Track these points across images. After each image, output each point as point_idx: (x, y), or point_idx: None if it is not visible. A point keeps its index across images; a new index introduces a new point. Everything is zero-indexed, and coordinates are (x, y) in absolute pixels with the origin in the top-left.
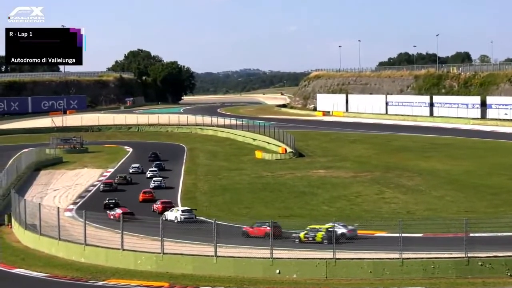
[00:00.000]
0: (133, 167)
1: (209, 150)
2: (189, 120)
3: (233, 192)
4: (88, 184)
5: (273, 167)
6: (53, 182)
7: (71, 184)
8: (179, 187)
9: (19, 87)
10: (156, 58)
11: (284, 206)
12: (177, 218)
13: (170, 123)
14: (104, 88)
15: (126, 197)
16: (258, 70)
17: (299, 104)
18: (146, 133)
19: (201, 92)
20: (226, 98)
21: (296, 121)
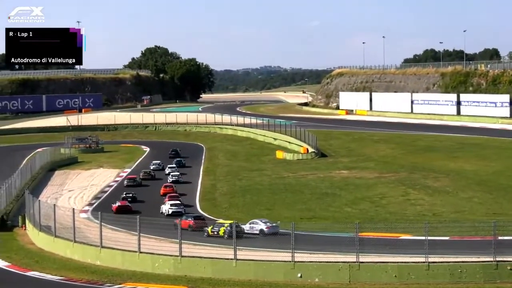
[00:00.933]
0: (154, 163)
1: (229, 150)
2: (208, 119)
3: (254, 193)
4: (104, 184)
5: (294, 167)
6: (68, 182)
7: (87, 184)
8: (197, 188)
9: (33, 85)
10: (174, 55)
11: (306, 207)
12: (167, 211)
13: (188, 122)
14: (120, 86)
15: (149, 191)
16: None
17: (321, 102)
18: (163, 132)
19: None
20: (246, 96)
21: (318, 120)
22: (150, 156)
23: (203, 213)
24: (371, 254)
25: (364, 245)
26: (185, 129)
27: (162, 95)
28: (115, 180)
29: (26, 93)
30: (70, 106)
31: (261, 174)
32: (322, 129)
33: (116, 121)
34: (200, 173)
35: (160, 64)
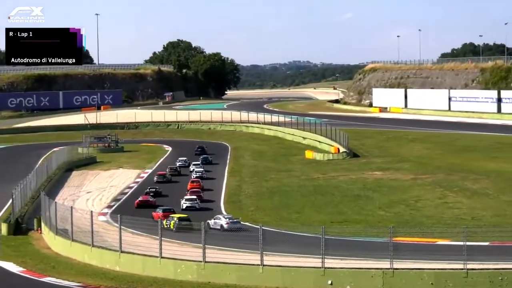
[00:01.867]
0: (180, 160)
1: (255, 149)
2: (233, 116)
3: (282, 196)
4: (123, 186)
5: (325, 168)
6: (86, 183)
7: (106, 186)
8: (222, 189)
9: (49, 81)
10: (197, 50)
11: (337, 211)
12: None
13: (213, 120)
14: (141, 82)
15: (177, 187)
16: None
17: (353, 99)
18: (186, 130)
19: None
20: (273, 93)
21: (350, 118)
22: (172, 156)
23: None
24: (406, 260)
25: (399, 251)
26: (209, 128)
27: (185, 91)
28: (135, 181)
29: (42, 89)
30: (88, 103)
31: (289, 175)
32: (354, 128)
33: (137, 119)
34: (225, 174)
35: (183, 59)
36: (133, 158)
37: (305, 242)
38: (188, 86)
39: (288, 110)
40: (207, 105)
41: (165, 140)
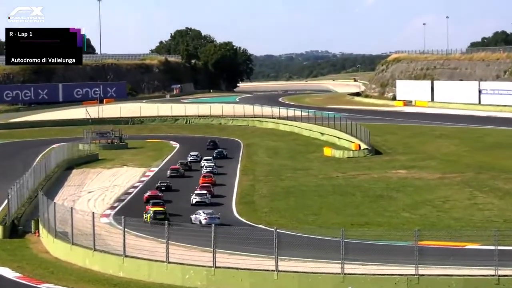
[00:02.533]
0: (192, 155)
1: (270, 146)
2: (246, 110)
3: (298, 196)
4: (128, 185)
5: (344, 166)
6: (87, 182)
7: (108, 185)
8: (234, 189)
9: (48, 72)
10: (207, 38)
11: (358, 212)
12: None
13: (224, 115)
14: (146, 73)
15: (190, 182)
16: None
17: (375, 92)
18: (195, 126)
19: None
20: (289, 85)
21: (372, 112)
22: (180, 153)
23: (240, 218)
24: (433, 266)
25: (425, 256)
26: (220, 123)
27: (194, 83)
28: (140, 180)
29: (40, 81)
30: (89, 96)
31: (307, 174)
32: (376, 123)
33: (142, 113)
34: (237, 172)
35: (191, 49)
36: (138, 155)
37: (323, 246)
38: (197, 78)
39: (305, 103)
40: (218, 98)
41: (173, 136)
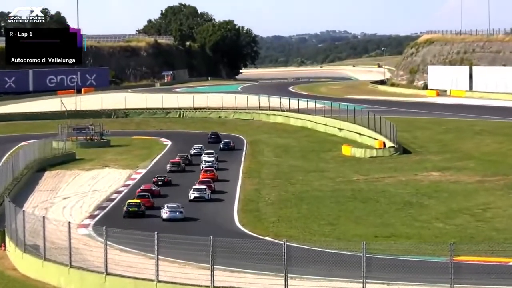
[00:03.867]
0: (195, 148)
1: (278, 143)
2: (250, 102)
3: (312, 203)
4: (110, 190)
5: (366, 167)
6: (62, 187)
7: (87, 190)
8: (235, 195)
9: None
10: (204, 17)
11: (382, 222)
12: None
13: (224, 107)
14: (132, 57)
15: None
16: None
17: (403, 80)
18: (190, 120)
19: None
20: (301, 72)
21: (399, 103)
22: (172, 151)
23: (243, 229)
24: (471, 285)
25: (461, 274)
26: (219, 116)
27: (188, 70)
28: (125, 184)
29: (8, 67)
30: (65, 84)
31: (322, 176)
32: (404, 116)
33: (127, 105)
34: (239, 175)
35: (186, 29)
36: (123, 154)
37: (342, 262)
38: (192, 63)
39: (320, 93)
40: (217, 87)
41: (164, 132)
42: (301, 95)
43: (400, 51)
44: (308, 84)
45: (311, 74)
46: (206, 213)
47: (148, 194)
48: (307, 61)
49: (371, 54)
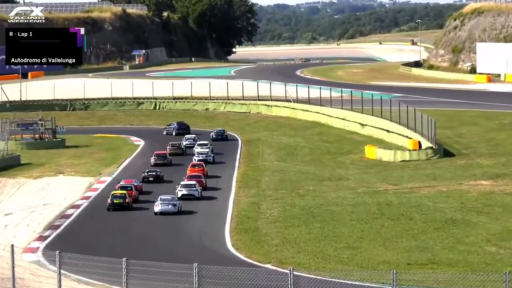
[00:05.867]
0: (187, 138)
1: (282, 143)
2: (247, 90)
3: (326, 220)
4: (65, 203)
5: (397, 175)
6: (3, 199)
7: (36, 204)
8: (227, 209)
9: None
10: None
11: (417, 245)
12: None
13: (213, 96)
14: (94, 32)
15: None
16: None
17: (444, 61)
18: (169, 113)
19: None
20: (312, 51)
21: (439, 91)
22: (145, 154)
23: (237, 254)
24: None
25: None
26: (206, 108)
27: (166, 48)
28: (84, 196)
29: None
30: (6, 68)
31: (339, 186)
32: (445, 108)
33: (88, 93)
34: (232, 184)
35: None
36: (81, 158)
37: None
38: (171, 40)
39: (337, 79)
40: (204, 71)
41: (134, 128)
42: (312, 80)
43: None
44: (321, 66)
45: (325, 54)
46: (189, 232)
47: (132, 186)
48: (319, 37)
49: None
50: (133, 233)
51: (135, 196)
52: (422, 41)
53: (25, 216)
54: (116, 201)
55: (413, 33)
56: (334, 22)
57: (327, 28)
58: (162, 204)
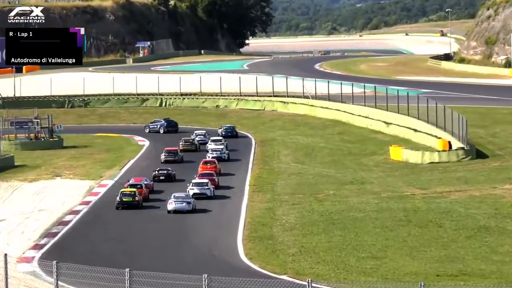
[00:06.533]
0: (198, 134)
1: (300, 144)
2: (261, 85)
3: (347, 228)
4: (63, 209)
5: (425, 178)
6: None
7: (31, 209)
8: (240, 215)
9: None
10: None
11: (447, 255)
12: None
13: (224, 92)
14: (94, 23)
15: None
16: None
17: (476, 53)
18: (176, 110)
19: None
20: (332, 43)
21: (471, 87)
22: (150, 156)
23: (250, 264)
24: None
25: None
26: (217, 105)
27: (173, 40)
28: (84, 201)
29: None
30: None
31: (362, 190)
32: (477, 105)
33: (88, 89)
34: (245, 187)
35: None
36: (81, 159)
37: None
38: (179, 31)
39: (359, 73)
40: (214, 65)
41: (138, 127)
42: (332, 75)
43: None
44: (342, 59)
45: (346, 46)
46: (199, 240)
47: (142, 184)
48: (340, 27)
49: (431, 18)
50: (136, 240)
51: (145, 194)
52: (453, 32)
53: (20, 223)
54: (125, 199)
55: (442, 23)
56: (356, 11)
57: (349, 18)
58: (176, 202)
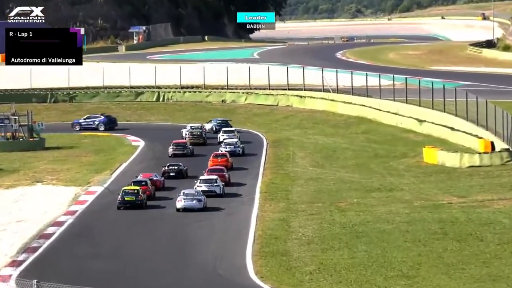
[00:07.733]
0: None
1: (319, 145)
2: (274, 77)
3: (374, 242)
4: (45, 219)
5: (463, 184)
6: None
7: (8, 220)
8: (249, 227)
9: None
10: None
11: (489, 273)
12: None
13: (231, 85)
14: (82, 4)
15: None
16: None
17: None
18: (175, 105)
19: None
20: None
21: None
22: (145, 158)
23: (261, 284)
24: None
25: None
26: (223, 100)
27: (172, 24)
28: (69, 210)
29: None
30: None
31: (390, 198)
32: None
33: (73, 81)
34: (256, 194)
35: None
36: (65, 162)
37: None
38: (179, 14)
39: (387, 62)
40: (220, 53)
41: (132, 125)
42: (356, 65)
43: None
44: (367, 47)
45: (373, 32)
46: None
47: (147, 181)
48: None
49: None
50: (129, 255)
51: (149, 192)
52: (496, 15)
53: None
54: (128, 198)
55: (484, 5)
56: None
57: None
58: (186, 200)
